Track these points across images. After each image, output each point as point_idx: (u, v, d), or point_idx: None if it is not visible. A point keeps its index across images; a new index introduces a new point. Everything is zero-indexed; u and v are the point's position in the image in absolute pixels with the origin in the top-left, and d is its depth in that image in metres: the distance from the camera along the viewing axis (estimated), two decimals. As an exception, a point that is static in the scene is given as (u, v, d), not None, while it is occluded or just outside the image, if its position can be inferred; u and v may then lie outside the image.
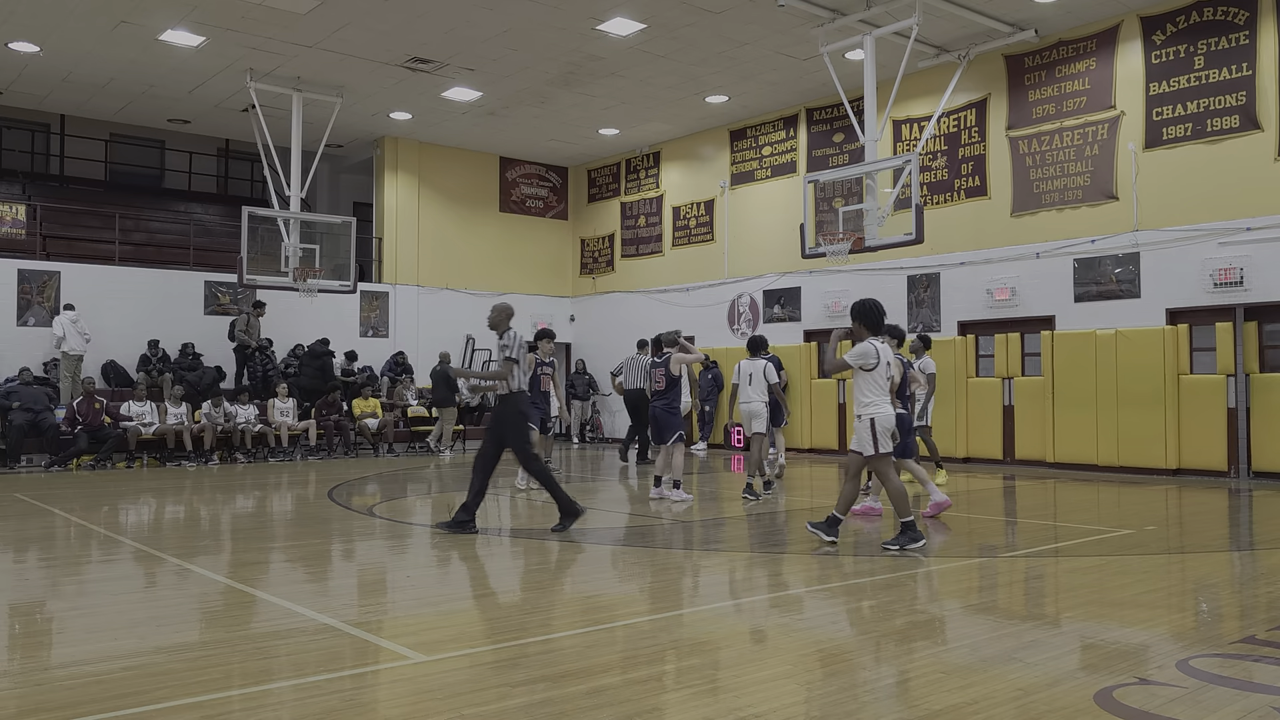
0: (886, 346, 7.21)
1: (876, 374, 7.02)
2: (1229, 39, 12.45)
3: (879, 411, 6.99)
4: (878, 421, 6.97)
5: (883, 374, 7.05)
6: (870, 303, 7.18)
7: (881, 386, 7.06)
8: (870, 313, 7.11)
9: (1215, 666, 4.04)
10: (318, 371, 17.25)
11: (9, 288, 15.73)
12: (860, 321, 7.13)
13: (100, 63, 15.35)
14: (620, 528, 8.59)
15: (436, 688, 3.80)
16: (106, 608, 5.38)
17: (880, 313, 7.19)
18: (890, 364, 7.17)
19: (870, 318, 7.10)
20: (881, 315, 7.19)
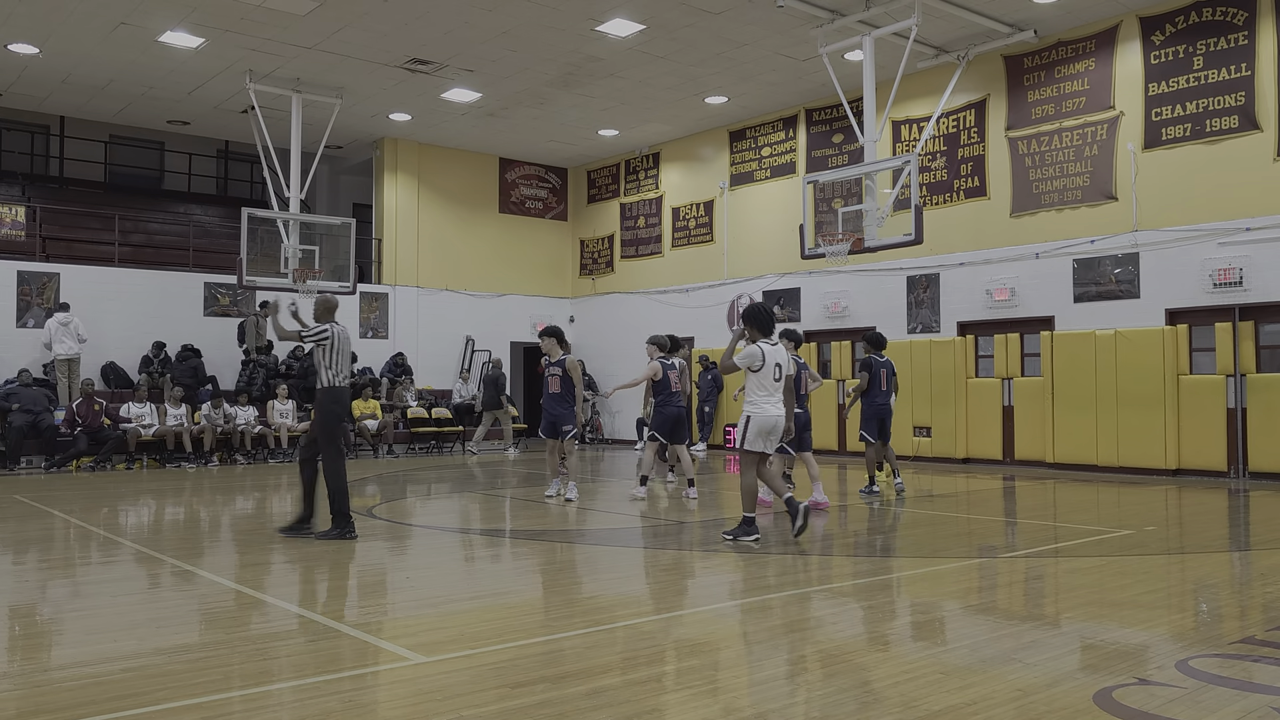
0: (779, 348, 7.47)
1: (762, 375, 7.32)
2: (1228, 39, 12.46)
3: (756, 410, 7.33)
4: (753, 420, 7.33)
5: (769, 375, 7.34)
6: (759, 307, 7.50)
7: (767, 387, 7.33)
8: (758, 316, 7.42)
9: (1215, 667, 4.05)
10: None
11: (8, 289, 15.73)
12: (751, 324, 7.42)
13: (100, 64, 15.35)
14: (621, 528, 8.59)
15: (436, 689, 3.80)
16: (106, 609, 5.38)
17: (769, 316, 7.47)
18: (780, 365, 7.43)
19: (759, 321, 7.40)
20: (770, 319, 7.48)
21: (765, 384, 7.34)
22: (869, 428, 10.51)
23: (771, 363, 7.32)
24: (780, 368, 7.39)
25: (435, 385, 19.73)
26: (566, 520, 8.94)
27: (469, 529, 8.80)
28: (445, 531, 8.60)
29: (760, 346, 7.33)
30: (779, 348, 7.45)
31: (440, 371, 20.07)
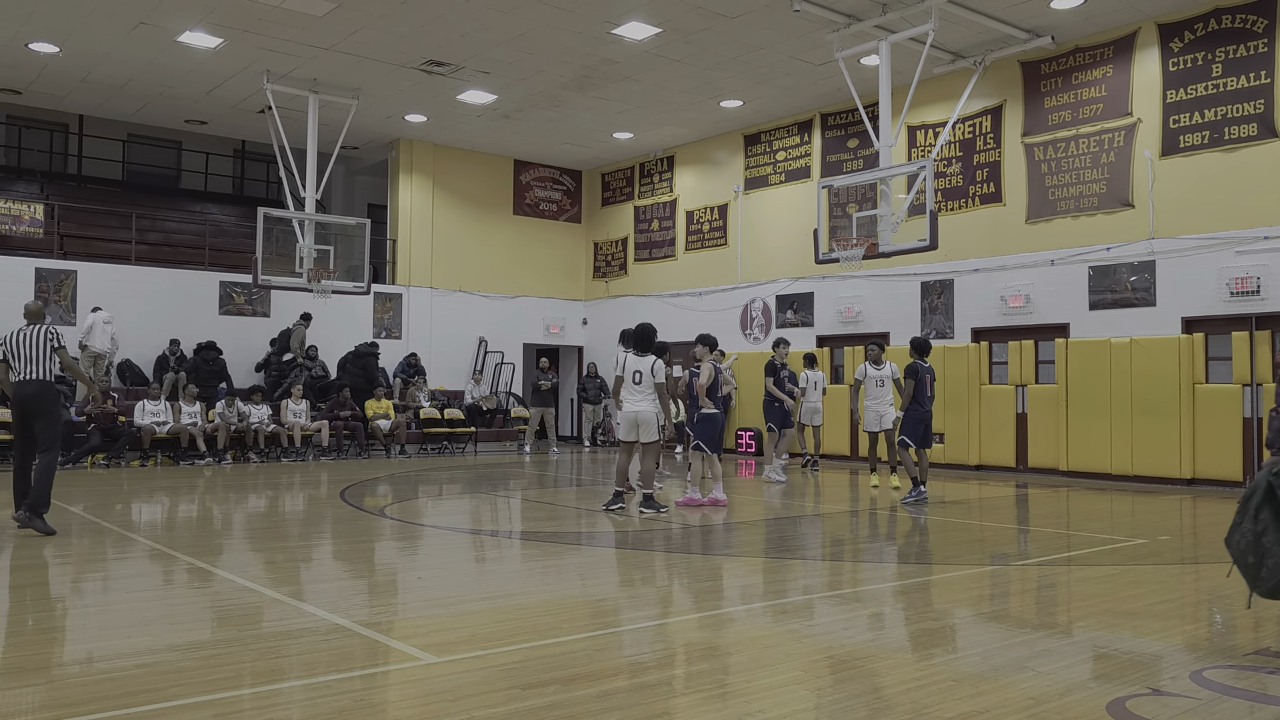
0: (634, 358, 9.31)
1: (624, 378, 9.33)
2: (1247, 47, 12.39)
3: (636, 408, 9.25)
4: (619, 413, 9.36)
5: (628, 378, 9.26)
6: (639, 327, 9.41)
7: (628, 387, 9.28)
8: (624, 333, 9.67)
9: (1229, 678, 4.02)
10: (361, 372, 17.70)
11: (27, 286, 15.85)
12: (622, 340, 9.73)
13: (119, 64, 15.46)
14: (630, 531, 8.59)
15: (447, 689, 3.81)
16: (120, 605, 5.41)
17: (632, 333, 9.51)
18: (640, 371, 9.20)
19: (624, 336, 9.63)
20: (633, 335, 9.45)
21: (626, 385, 9.30)
22: (913, 433, 10.57)
23: (628, 369, 9.27)
24: (640, 373, 9.20)
25: (448, 386, 19.78)
26: (578, 522, 8.94)
27: (480, 530, 8.81)
28: (457, 532, 8.62)
29: (619, 356, 9.46)
30: (635, 357, 9.29)
31: (453, 372, 20.12)
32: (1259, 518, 4.10)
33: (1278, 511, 4.08)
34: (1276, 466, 4.16)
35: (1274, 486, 4.09)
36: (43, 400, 7.81)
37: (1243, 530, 4.14)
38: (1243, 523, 4.14)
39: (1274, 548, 4.05)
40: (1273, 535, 4.06)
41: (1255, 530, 4.10)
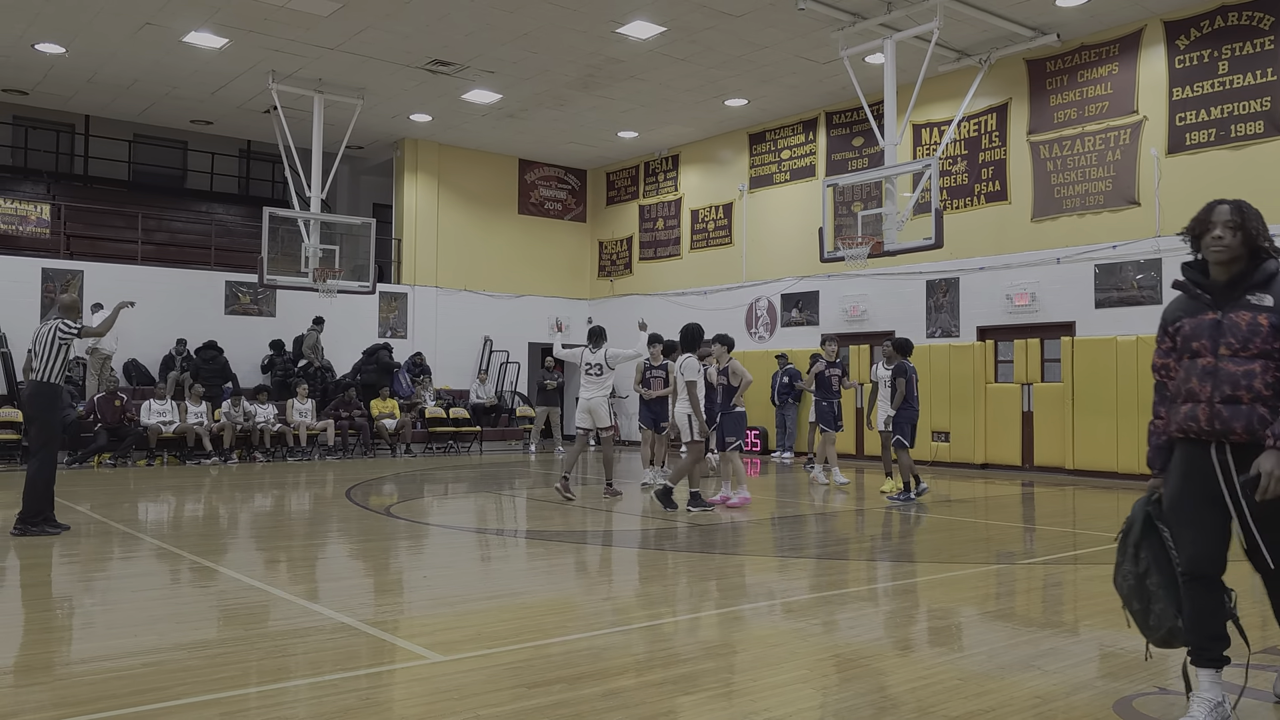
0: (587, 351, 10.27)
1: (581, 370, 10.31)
2: (1253, 44, 12.35)
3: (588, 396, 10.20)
4: None
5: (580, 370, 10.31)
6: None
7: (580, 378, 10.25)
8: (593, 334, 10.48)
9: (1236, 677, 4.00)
10: (375, 367, 17.90)
11: (33, 286, 15.89)
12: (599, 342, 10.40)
13: (125, 64, 15.50)
14: (637, 530, 8.60)
15: (453, 688, 3.81)
16: (127, 604, 5.42)
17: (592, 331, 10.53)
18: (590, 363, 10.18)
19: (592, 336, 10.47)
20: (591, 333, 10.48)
21: (582, 377, 10.28)
22: (907, 432, 10.55)
23: (580, 361, 10.33)
24: (590, 364, 10.18)
25: (453, 385, 19.79)
26: (584, 521, 8.95)
27: (486, 529, 8.82)
28: (462, 531, 8.62)
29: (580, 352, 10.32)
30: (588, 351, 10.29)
31: (458, 371, 20.14)
32: (1139, 557, 3.48)
33: (1160, 548, 3.47)
34: (1156, 492, 3.54)
35: (1153, 518, 3.50)
36: (35, 402, 7.71)
37: (1123, 572, 3.54)
38: (1123, 563, 3.55)
39: (1159, 591, 3.44)
40: (1157, 577, 3.45)
41: (1137, 572, 3.48)
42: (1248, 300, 3.31)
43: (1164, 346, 3.55)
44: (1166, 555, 3.44)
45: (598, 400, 10.24)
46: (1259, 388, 3.22)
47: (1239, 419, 3.24)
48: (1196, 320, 3.42)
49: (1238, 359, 3.26)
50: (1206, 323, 3.38)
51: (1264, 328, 3.25)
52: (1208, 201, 3.52)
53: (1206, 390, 3.31)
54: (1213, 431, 3.30)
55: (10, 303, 15.58)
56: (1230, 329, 3.30)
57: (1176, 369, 3.47)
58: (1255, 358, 3.23)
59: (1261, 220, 3.41)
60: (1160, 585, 3.44)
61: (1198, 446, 3.36)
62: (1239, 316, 3.30)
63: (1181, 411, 3.40)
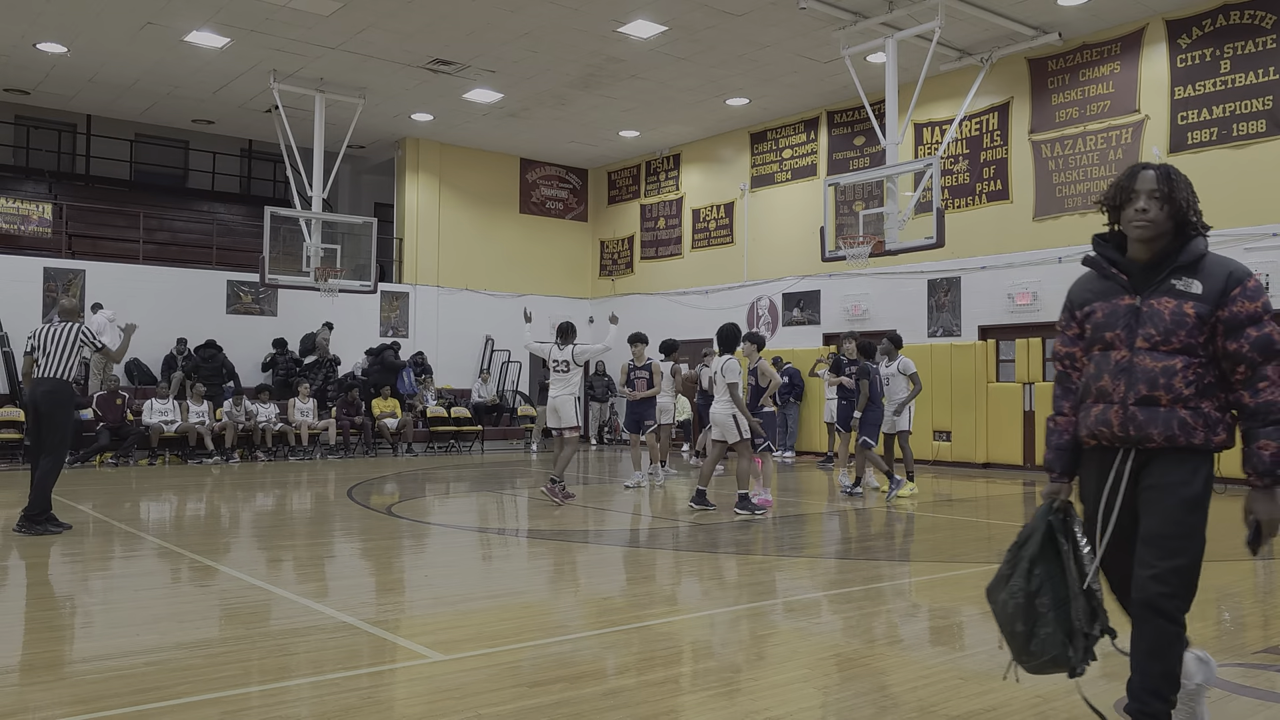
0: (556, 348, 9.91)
1: None
2: (1255, 43, 12.33)
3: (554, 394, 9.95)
4: None
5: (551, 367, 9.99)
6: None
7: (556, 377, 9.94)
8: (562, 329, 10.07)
9: (1237, 676, 4.01)
10: (381, 366, 18.04)
11: (35, 285, 15.91)
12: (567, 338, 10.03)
13: (126, 64, 15.51)
14: (638, 529, 8.60)
15: (454, 687, 3.81)
16: (128, 603, 5.43)
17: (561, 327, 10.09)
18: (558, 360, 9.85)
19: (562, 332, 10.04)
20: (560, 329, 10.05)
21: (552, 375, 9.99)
22: (873, 433, 10.66)
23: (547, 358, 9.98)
24: (558, 361, 9.86)
25: (454, 384, 19.80)
26: (585, 520, 8.95)
27: (487, 528, 8.82)
28: (463, 530, 8.63)
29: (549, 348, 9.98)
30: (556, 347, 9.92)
31: (460, 371, 20.14)
32: (1033, 574, 3.04)
33: (1058, 565, 3.04)
34: (1058, 499, 3.09)
35: (1055, 530, 3.06)
36: (54, 400, 7.71)
37: (1011, 588, 3.08)
38: (1012, 577, 3.09)
39: (1049, 614, 2.99)
40: (1049, 597, 3.01)
41: (1028, 590, 3.03)
42: (1172, 285, 2.86)
43: (1070, 333, 3.11)
44: (1063, 574, 3.02)
45: (563, 398, 9.91)
46: (1180, 387, 2.80)
47: (1156, 424, 2.82)
48: (1110, 306, 2.96)
49: (1157, 353, 2.83)
50: (1122, 309, 2.93)
51: (1189, 318, 2.81)
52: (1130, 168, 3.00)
53: (1120, 389, 2.88)
54: (1126, 438, 2.88)
55: (12, 302, 15.60)
56: (1150, 318, 2.86)
57: (1085, 361, 3.04)
58: (1177, 352, 2.81)
59: (1191, 190, 2.93)
60: (1051, 606, 3.00)
61: (1110, 455, 2.94)
62: (1161, 304, 2.86)
63: (1092, 414, 2.96)
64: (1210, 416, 2.83)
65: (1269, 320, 2.80)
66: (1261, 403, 2.76)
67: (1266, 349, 2.77)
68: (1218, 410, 2.84)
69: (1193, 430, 2.81)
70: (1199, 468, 2.85)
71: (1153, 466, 2.88)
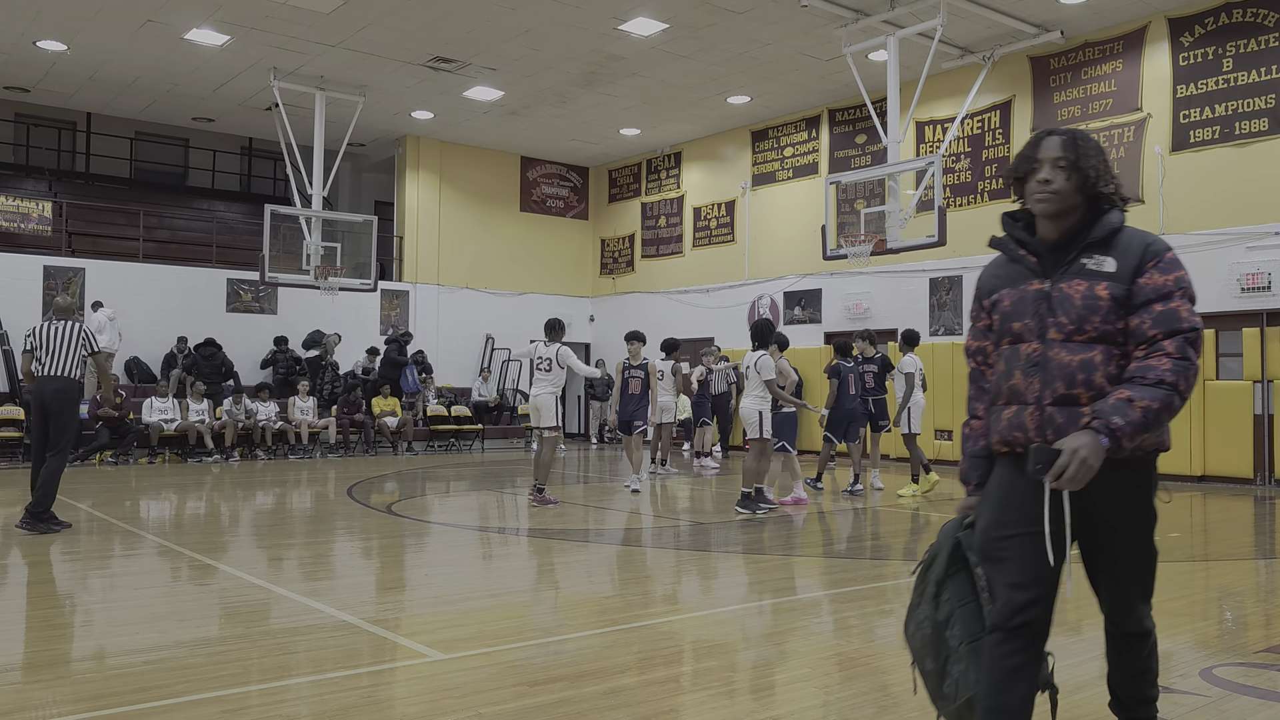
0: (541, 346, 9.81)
1: None
2: (1258, 41, 12.31)
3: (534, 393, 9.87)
4: None
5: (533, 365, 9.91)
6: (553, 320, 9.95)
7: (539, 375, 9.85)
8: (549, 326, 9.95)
9: (1239, 676, 3.99)
10: (385, 364, 18.11)
11: (35, 283, 15.90)
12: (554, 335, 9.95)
13: (126, 61, 15.49)
14: (639, 528, 8.59)
15: (454, 686, 3.80)
16: (128, 602, 5.42)
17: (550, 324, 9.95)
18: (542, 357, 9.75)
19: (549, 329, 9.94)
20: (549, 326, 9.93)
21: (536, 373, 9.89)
22: (835, 429, 10.94)
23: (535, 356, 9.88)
24: (541, 359, 9.75)
25: (455, 383, 19.80)
26: (585, 519, 8.94)
27: (487, 527, 8.81)
28: (463, 529, 8.62)
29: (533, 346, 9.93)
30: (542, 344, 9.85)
31: (460, 369, 20.13)
32: (940, 599, 2.61)
33: (969, 589, 2.62)
34: (970, 515, 2.70)
35: (965, 547, 2.65)
36: (63, 398, 7.70)
37: (918, 619, 2.66)
38: (920, 605, 2.68)
39: (962, 648, 2.56)
40: (961, 628, 2.57)
41: (935, 619, 2.61)
42: (1083, 265, 2.50)
43: (980, 325, 2.74)
44: (977, 600, 2.60)
45: (545, 397, 9.74)
46: (1101, 382, 2.43)
47: (1077, 426, 2.43)
48: (1018, 292, 2.59)
49: (1072, 344, 2.46)
50: (1031, 296, 2.55)
51: (1103, 302, 2.45)
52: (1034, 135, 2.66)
53: (1034, 387, 2.50)
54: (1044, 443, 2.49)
55: (12, 300, 15.59)
56: (1061, 304, 2.49)
57: (997, 357, 2.66)
58: (1094, 342, 2.45)
59: (1103, 157, 2.55)
60: (965, 639, 2.57)
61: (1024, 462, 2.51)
62: (1072, 287, 2.49)
63: (1004, 418, 2.58)
64: None
65: (1180, 297, 2.43)
66: (1140, 366, 2.40)
67: (1170, 325, 2.39)
68: None
69: None
70: (1133, 475, 2.51)
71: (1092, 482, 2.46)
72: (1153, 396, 2.35)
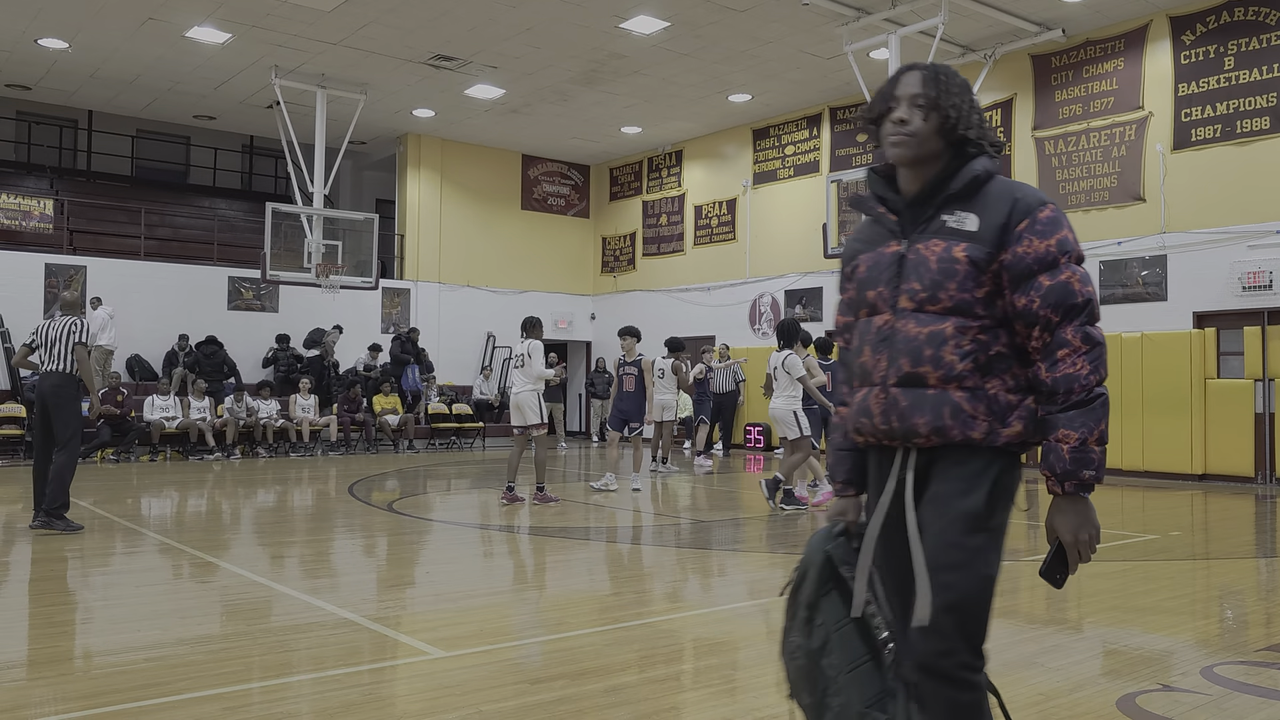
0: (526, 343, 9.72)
1: None
2: (1260, 39, 12.30)
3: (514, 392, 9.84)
4: None
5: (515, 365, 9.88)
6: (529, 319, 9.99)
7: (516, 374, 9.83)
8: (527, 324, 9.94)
9: (1240, 674, 4.00)
10: (395, 362, 18.26)
11: (37, 281, 15.91)
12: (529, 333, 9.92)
13: (128, 59, 15.49)
14: (640, 526, 8.59)
15: (455, 683, 3.81)
16: (130, 599, 5.42)
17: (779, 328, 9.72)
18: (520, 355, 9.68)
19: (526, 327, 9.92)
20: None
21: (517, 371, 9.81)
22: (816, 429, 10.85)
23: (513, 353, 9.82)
24: (522, 357, 9.69)
25: (456, 381, 19.80)
26: (586, 517, 8.95)
27: (488, 525, 8.82)
28: (465, 527, 8.62)
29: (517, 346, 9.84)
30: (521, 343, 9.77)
31: (461, 367, 20.13)
32: (813, 624, 2.22)
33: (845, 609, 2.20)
34: (840, 524, 2.30)
35: (835, 562, 2.24)
36: (62, 394, 7.68)
37: (789, 648, 2.28)
38: (791, 631, 2.29)
39: (841, 678, 2.17)
40: (839, 655, 2.16)
41: (808, 647, 2.22)
42: (943, 222, 2.12)
43: (846, 297, 2.33)
44: (854, 621, 2.20)
45: (525, 394, 9.67)
46: (952, 360, 2.05)
47: (922, 410, 2.07)
48: (875, 256, 2.22)
49: (923, 315, 2.09)
50: (886, 260, 2.18)
51: (960, 265, 2.06)
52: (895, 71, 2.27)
53: (881, 365, 2.14)
54: (890, 431, 2.12)
55: (14, 298, 15.60)
56: (915, 269, 2.12)
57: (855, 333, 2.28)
58: (948, 313, 2.07)
59: (969, 97, 2.15)
60: (844, 667, 2.16)
61: (889, 457, 2.18)
62: (929, 249, 2.11)
63: (854, 403, 2.22)
64: (998, 401, 2.07)
65: (1068, 264, 2.05)
66: (1060, 377, 2.02)
67: (1063, 303, 2.02)
68: (1010, 392, 2.08)
69: (970, 420, 2.05)
70: (983, 472, 2.08)
71: (932, 473, 2.12)
72: (1094, 418, 2.02)
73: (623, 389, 11.16)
